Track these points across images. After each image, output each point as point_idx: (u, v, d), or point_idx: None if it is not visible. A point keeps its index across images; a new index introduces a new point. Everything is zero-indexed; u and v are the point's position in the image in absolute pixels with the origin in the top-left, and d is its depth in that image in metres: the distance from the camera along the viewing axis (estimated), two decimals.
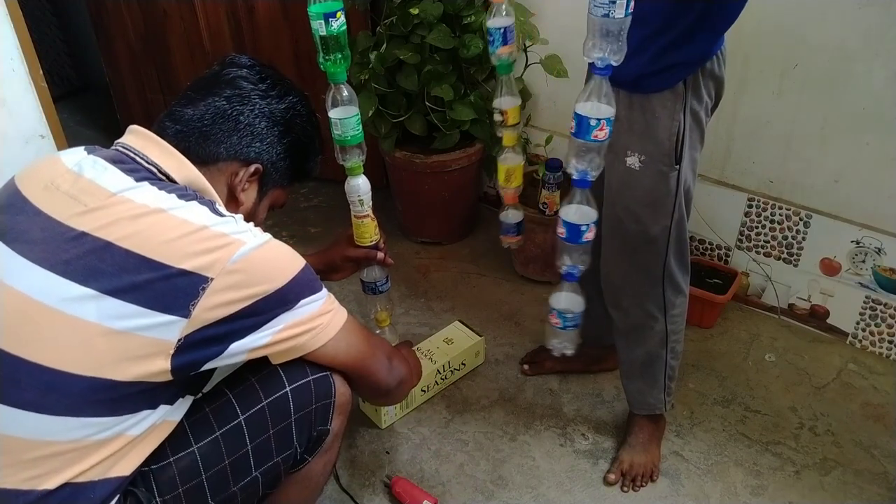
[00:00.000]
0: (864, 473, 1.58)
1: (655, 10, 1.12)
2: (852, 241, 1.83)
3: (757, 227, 1.98)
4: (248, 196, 1.04)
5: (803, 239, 1.91)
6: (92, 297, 0.82)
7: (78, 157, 0.94)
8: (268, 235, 0.93)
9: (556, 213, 1.83)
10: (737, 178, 1.95)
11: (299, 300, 0.92)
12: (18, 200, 0.90)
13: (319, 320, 0.96)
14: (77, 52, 3.41)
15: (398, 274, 2.13)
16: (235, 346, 0.89)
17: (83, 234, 0.85)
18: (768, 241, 1.97)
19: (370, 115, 2.07)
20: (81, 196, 0.88)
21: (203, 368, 0.91)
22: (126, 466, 0.91)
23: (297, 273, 0.93)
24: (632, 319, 1.44)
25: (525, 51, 2.07)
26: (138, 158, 0.94)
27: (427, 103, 2.08)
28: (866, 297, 1.87)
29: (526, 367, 1.84)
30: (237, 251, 0.86)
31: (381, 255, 1.45)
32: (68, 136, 1.65)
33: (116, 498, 0.90)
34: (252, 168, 1.01)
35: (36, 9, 3.15)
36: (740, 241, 2.02)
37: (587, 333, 1.71)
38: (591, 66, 1.02)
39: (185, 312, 0.84)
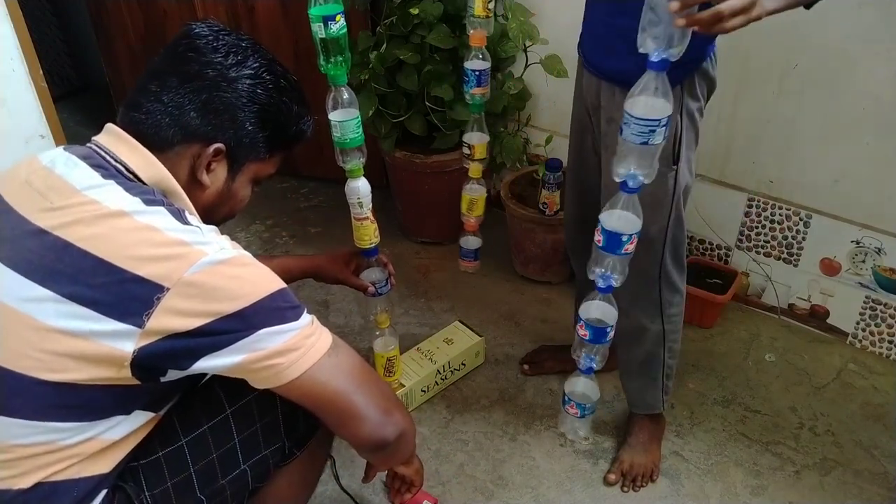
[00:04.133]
0: (864, 473, 1.58)
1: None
2: (852, 241, 1.82)
3: (757, 227, 1.98)
4: (217, 177, 0.96)
5: (803, 239, 1.91)
6: (50, 299, 0.80)
7: (52, 154, 0.92)
8: (238, 251, 0.87)
9: (557, 213, 1.83)
10: (737, 178, 1.95)
11: (265, 326, 0.84)
12: None
13: (290, 355, 0.87)
14: (77, 52, 3.41)
15: (398, 274, 2.13)
16: (198, 366, 0.84)
17: (45, 232, 0.83)
18: (768, 241, 1.97)
19: (370, 115, 2.07)
20: (49, 193, 0.86)
21: (169, 379, 0.87)
22: (106, 464, 0.90)
23: (265, 296, 0.85)
24: (630, 320, 1.44)
25: (525, 51, 2.07)
26: (108, 157, 0.90)
27: (427, 103, 2.08)
28: (866, 297, 1.87)
29: (526, 367, 1.84)
30: (196, 262, 0.81)
31: (371, 289, 1.45)
32: (68, 136, 1.65)
33: (103, 493, 0.90)
34: (212, 148, 0.93)
35: (36, 9, 3.14)
36: (740, 241, 2.02)
37: None
38: (623, 184, 1.02)
39: (139, 322, 0.80)
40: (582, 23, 1.32)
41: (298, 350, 0.88)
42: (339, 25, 1.15)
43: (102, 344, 0.80)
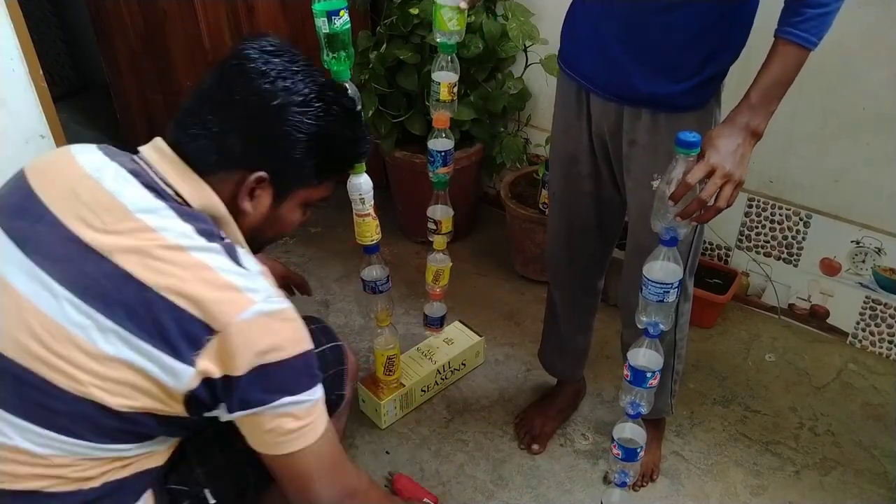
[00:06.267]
0: (864, 473, 1.58)
1: (689, 12, 1.06)
2: (852, 241, 1.83)
3: (757, 227, 1.98)
4: (261, 203, 0.93)
5: (803, 239, 1.91)
6: (110, 328, 0.80)
7: (96, 161, 0.89)
8: (282, 302, 0.87)
9: None
10: None
11: (288, 391, 0.85)
12: (34, 204, 0.86)
13: (298, 429, 0.87)
14: (77, 52, 3.41)
15: (398, 274, 2.13)
16: (218, 410, 0.86)
17: (102, 257, 0.82)
18: (768, 241, 1.97)
19: (370, 115, 2.07)
20: (101, 213, 0.84)
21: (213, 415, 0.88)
22: (162, 459, 0.94)
23: (298, 355, 0.86)
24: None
25: (525, 51, 2.08)
26: (157, 178, 0.89)
27: (427, 103, 2.07)
28: (866, 297, 1.87)
29: (535, 447, 1.64)
30: (245, 309, 0.81)
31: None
32: (68, 136, 1.65)
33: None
34: (253, 177, 0.90)
35: (36, 9, 3.14)
36: (740, 241, 2.02)
37: (567, 371, 1.70)
38: (646, 331, 1.10)
39: (190, 361, 0.81)
40: (573, 43, 1.25)
41: (305, 426, 0.88)
42: (342, 20, 1.15)
43: (156, 377, 0.81)
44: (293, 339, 0.86)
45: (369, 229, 1.42)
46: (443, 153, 1.44)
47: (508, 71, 2.21)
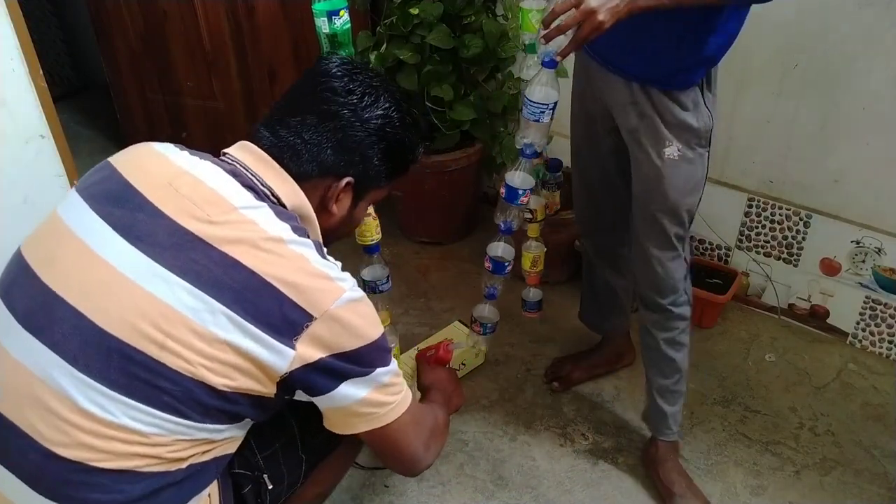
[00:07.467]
0: (864, 473, 1.58)
1: (657, 28, 1.14)
2: (852, 241, 1.83)
3: (757, 227, 1.98)
4: (342, 205, 1.04)
5: (803, 239, 1.91)
6: (221, 312, 0.84)
7: (188, 159, 0.95)
8: (361, 291, 0.95)
9: (557, 213, 1.85)
10: (737, 177, 1.95)
11: (378, 365, 0.94)
12: (131, 194, 0.90)
13: (396, 389, 0.98)
14: (77, 52, 3.41)
15: (398, 274, 2.13)
16: (338, 391, 0.92)
17: (209, 245, 0.86)
18: (768, 241, 1.97)
19: None
20: (205, 205, 0.89)
21: (297, 399, 0.96)
22: (235, 445, 0.99)
23: (380, 336, 0.95)
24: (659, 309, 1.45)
25: (524, 49, 2.07)
26: (255, 180, 0.95)
27: (427, 103, 2.08)
28: (866, 297, 1.87)
29: (556, 384, 1.78)
30: (340, 297, 0.89)
31: None
32: (68, 136, 1.65)
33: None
34: (343, 182, 1.01)
35: (36, 9, 3.14)
36: (740, 241, 2.02)
37: (606, 323, 1.78)
38: (522, 150, 1.34)
39: (291, 344, 0.86)
40: None
41: (396, 395, 0.98)
42: (343, 20, 1.16)
43: (260, 359, 0.86)
44: (375, 322, 0.95)
45: (369, 229, 1.42)
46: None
47: (508, 71, 2.21)
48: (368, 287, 1.52)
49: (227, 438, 0.94)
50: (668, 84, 1.22)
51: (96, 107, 3.23)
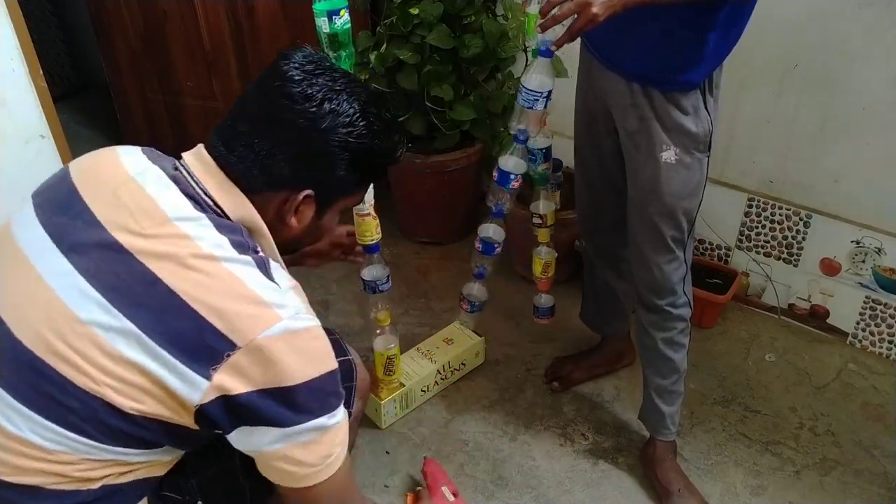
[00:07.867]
0: (864, 473, 1.58)
1: (653, 28, 1.15)
2: (852, 241, 1.83)
3: (757, 227, 1.98)
4: (303, 217, 0.95)
5: (803, 239, 1.91)
6: (132, 332, 0.80)
7: (140, 164, 0.90)
8: (311, 319, 0.86)
9: (556, 212, 1.85)
10: (737, 178, 1.95)
11: (312, 412, 0.84)
12: (74, 201, 0.87)
13: (327, 448, 0.88)
14: (77, 52, 3.41)
15: (398, 274, 2.13)
16: (233, 435, 0.85)
17: (133, 259, 0.82)
18: (768, 241, 1.97)
19: None
20: (140, 216, 0.84)
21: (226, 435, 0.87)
22: (163, 469, 0.94)
23: (321, 376, 0.84)
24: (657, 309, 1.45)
25: (525, 50, 2.07)
26: (198, 188, 0.89)
27: (427, 103, 2.08)
28: (866, 297, 1.87)
29: (556, 384, 1.78)
30: (271, 325, 0.81)
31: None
32: (68, 136, 1.65)
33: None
34: (301, 195, 0.91)
35: (36, 9, 3.14)
36: (740, 241, 2.02)
37: (607, 324, 1.78)
38: (515, 136, 1.45)
39: (207, 374, 0.79)
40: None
41: (326, 456, 0.88)
42: (343, 20, 1.16)
43: (170, 387, 0.80)
44: (317, 359, 0.85)
45: (369, 229, 1.42)
46: (543, 150, 1.56)
47: (508, 71, 2.21)
48: (368, 287, 1.52)
49: (146, 462, 0.89)
50: (668, 86, 1.21)
51: (96, 107, 3.23)
